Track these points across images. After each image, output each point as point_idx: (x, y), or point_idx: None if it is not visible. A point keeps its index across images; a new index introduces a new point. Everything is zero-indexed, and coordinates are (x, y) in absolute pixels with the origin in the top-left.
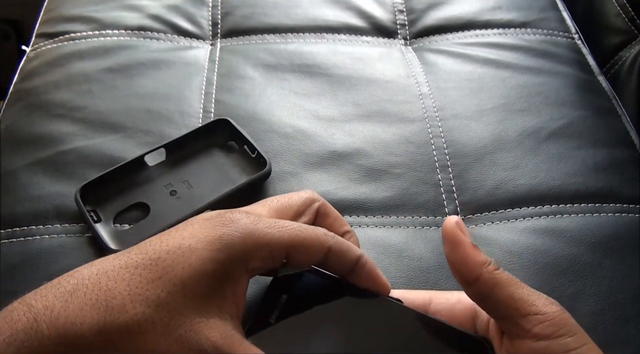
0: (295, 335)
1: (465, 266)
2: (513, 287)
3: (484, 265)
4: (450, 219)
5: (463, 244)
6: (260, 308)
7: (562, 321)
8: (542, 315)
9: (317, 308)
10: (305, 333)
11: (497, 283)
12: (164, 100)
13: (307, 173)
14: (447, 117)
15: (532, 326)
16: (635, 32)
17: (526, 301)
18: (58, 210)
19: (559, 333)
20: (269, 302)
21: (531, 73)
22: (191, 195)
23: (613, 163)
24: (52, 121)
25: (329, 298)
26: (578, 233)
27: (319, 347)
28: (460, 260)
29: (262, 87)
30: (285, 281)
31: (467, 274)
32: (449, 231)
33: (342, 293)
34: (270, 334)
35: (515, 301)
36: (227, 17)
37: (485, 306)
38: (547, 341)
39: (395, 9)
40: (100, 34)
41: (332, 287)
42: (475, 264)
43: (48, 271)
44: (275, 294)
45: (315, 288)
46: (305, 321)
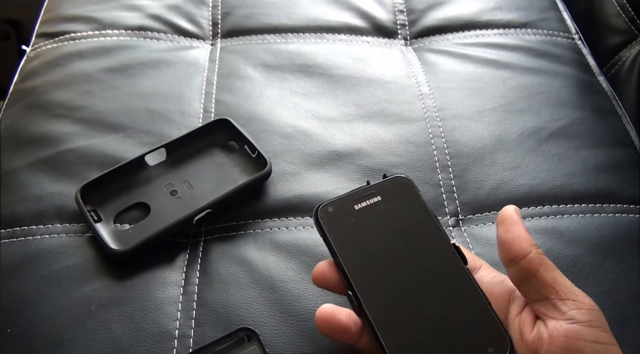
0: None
1: (518, 243)
2: (557, 272)
3: (534, 245)
4: (509, 206)
5: (519, 224)
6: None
7: (598, 316)
8: (581, 303)
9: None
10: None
11: (544, 263)
12: (164, 100)
13: (307, 173)
14: (448, 117)
15: (570, 310)
16: (635, 32)
17: (567, 287)
18: (58, 210)
19: (593, 323)
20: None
21: (531, 73)
22: (192, 195)
23: (613, 164)
24: (53, 120)
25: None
26: (578, 233)
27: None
28: (515, 237)
29: (263, 87)
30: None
31: (518, 249)
32: (508, 213)
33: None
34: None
35: (558, 284)
36: (228, 17)
37: (528, 284)
38: (581, 325)
39: (396, 9)
40: (100, 34)
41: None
42: (526, 242)
43: (48, 270)
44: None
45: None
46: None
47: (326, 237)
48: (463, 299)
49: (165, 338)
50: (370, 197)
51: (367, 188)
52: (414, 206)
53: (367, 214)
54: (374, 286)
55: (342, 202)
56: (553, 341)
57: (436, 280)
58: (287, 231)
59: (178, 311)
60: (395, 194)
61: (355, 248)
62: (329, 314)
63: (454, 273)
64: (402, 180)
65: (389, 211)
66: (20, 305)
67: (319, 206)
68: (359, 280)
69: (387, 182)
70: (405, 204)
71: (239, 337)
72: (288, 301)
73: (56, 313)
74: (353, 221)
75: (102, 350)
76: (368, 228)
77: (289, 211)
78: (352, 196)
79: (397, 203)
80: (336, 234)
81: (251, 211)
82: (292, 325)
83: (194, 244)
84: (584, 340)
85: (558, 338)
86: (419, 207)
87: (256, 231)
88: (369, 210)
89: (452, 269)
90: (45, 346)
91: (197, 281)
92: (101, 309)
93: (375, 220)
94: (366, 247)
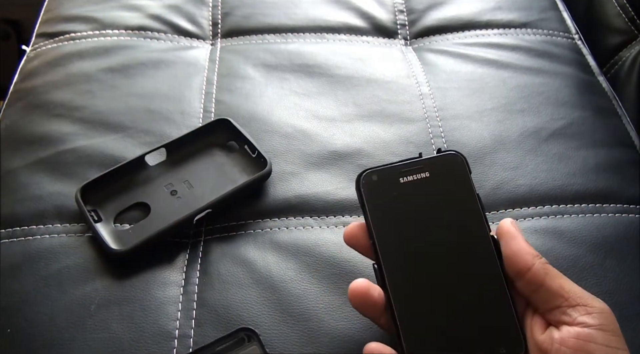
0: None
1: (521, 257)
2: (563, 280)
3: (537, 257)
4: (506, 219)
5: (518, 237)
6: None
7: (609, 319)
8: (591, 307)
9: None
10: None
11: (549, 273)
12: (164, 100)
13: (307, 173)
14: (448, 117)
15: (580, 315)
16: (635, 32)
17: (576, 293)
18: (58, 210)
19: (604, 326)
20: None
21: (531, 73)
22: (192, 195)
23: (613, 164)
24: (52, 120)
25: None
26: (578, 233)
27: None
28: (516, 251)
29: (263, 87)
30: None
31: (521, 262)
32: (506, 227)
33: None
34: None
35: (566, 291)
36: (228, 17)
37: (537, 296)
38: (592, 329)
39: (396, 9)
40: (100, 34)
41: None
42: (528, 254)
43: (48, 270)
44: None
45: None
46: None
47: (364, 205)
48: (488, 293)
49: (166, 337)
50: (419, 172)
51: (418, 161)
52: (462, 189)
53: (411, 190)
54: (401, 264)
55: (389, 172)
56: (564, 342)
57: (465, 269)
58: (287, 231)
59: (178, 311)
60: (445, 173)
61: (391, 223)
62: (364, 289)
63: (485, 265)
64: (457, 158)
65: (435, 190)
66: (20, 305)
67: (364, 172)
68: (388, 255)
69: (440, 158)
70: (452, 185)
71: (239, 337)
72: (288, 301)
73: (56, 312)
74: (395, 195)
75: (102, 350)
76: (408, 205)
77: (289, 211)
78: (400, 167)
79: (445, 183)
80: (375, 204)
81: (251, 211)
82: (292, 325)
83: (194, 244)
84: (595, 343)
85: (569, 340)
86: (466, 190)
87: (256, 231)
88: (413, 185)
89: (484, 261)
90: (45, 345)
91: (197, 281)
92: (101, 309)
93: (417, 197)
94: (402, 223)
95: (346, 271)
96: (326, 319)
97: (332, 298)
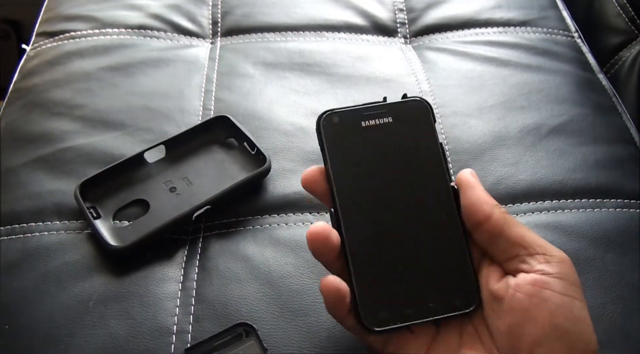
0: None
1: (479, 206)
2: (524, 229)
3: (496, 206)
4: (466, 170)
5: (476, 187)
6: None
7: (569, 268)
8: (550, 256)
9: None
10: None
11: (508, 222)
12: (164, 98)
13: None
14: (448, 114)
15: (539, 263)
16: (635, 32)
17: (536, 242)
18: (57, 207)
19: (563, 275)
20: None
21: (531, 71)
22: (191, 192)
23: (613, 159)
24: (52, 119)
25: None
26: (579, 228)
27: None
28: (474, 200)
29: (262, 85)
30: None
31: (480, 212)
32: (464, 177)
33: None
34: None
35: (526, 241)
36: (227, 16)
37: (495, 245)
38: (550, 277)
39: (395, 7)
40: (100, 33)
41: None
42: (487, 204)
43: (47, 267)
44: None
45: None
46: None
47: (323, 147)
48: (444, 243)
49: (164, 333)
50: (382, 117)
51: (382, 105)
52: (425, 136)
53: (372, 134)
54: (357, 210)
55: (350, 114)
56: (519, 287)
57: (423, 218)
58: (286, 227)
59: (176, 306)
60: (409, 119)
61: (350, 166)
62: (325, 232)
63: (443, 214)
64: (421, 104)
65: (397, 135)
66: (19, 302)
67: (325, 113)
68: (344, 200)
69: (404, 103)
70: (415, 131)
71: (237, 332)
72: (286, 296)
73: (55, 309)
74: (355, 138)
75: (101, 346)
76: (369, 149)
77: (288, 208)
78: (363, 110)
79: (407, 129)
80: (334, 146)
81: (250, 208)
82: (291, 320)
83: (193, 241)
84: (551, 290)
85: (524, 286)
86: (429, 138)
87: (255, 227)
88: (375, 130)
89: (442, 210)
90: (44, 342)
91: (195, 277)
92: (100, 305)
93: (378, 142)
94: (361, 168)
95: None
96: (324, 314)
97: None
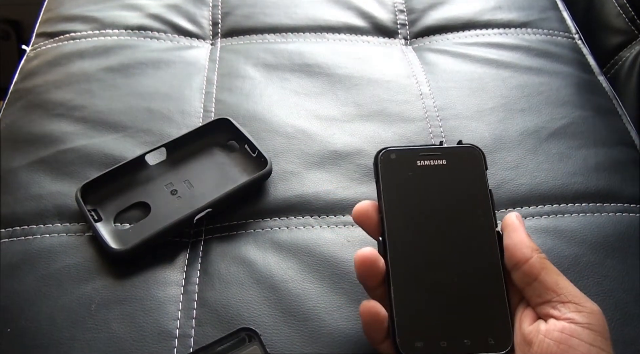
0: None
1: (519, 248)
2: (560, 277)
3: (536, 250)
4: (512, 213)
5: (519, 230)
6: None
7: (599, 321)
8: (582, 306)
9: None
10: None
11: (545, 268)
12: (164, 99)
13: (307, 173)
14: (448, 116)
15: (570, 311)
16: (635, 32)
17: (570, 290)
18: (58, 209)
19: (593, 326)
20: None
21: (532, 73)
22: (192, 194)
23: (614, 163)
24: (52, 120)
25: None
26: (579, 233)
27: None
28: (516, 242)
29: (263, 87)
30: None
31: (519, 254)
32: (510, 220)
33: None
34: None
35: (560, 288)
36: (228, 17)
37: (531, 288)
38: (579, 326)
39: (396, 8)
40: (100, 34)
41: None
42: (528, 247)
43: (48, 270)
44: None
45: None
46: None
47: (378, 180)
48: (484, 283)
49: (166, 337)
50: (436, 158)
51: (437, 148)
52: (475, 181)
53: (426, 173)
54: (405, 243)
55: (407, 153)
56: (548, 333)
57: (466, 257)
58: (288, 230)
59: (178, 310)
60: (462, 164)
61: (402, 201)
62: (373, 257)
63: (486, 255)
64: (475, 152)
65: (449, 177)
66: (20, 304)
67: (384, 149)
68: (393, 231)
69: (459, 149)
70: (467, 176)
71: (239, 337)
72: (289, 300)
73: (56, 312)
74: (410, 175)
75: (103, 349)
76: (421, 187)
77: (289, 211)
78: (419, 150)
79: (460, 173)
80: (389, 181)
81: (251, 211)
82: (293, 325)
83: (195, 244)
84: (579, 339)
85: (554, 332)
86: (479, 184)
87: (256, 230)
88: (429, 170)
89: (486, 251)
90: (45, 345)
91: (197, 281)
92: (101, 309)
93: (431, 182)
94: (412, 203)
95: (347, 270)
96: (327, 319)
97: (333, 297)
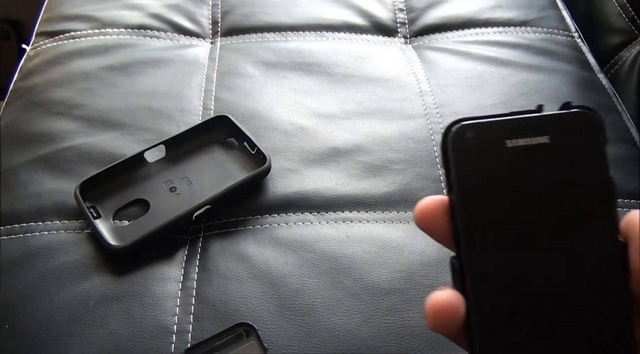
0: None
1: None
2: None
3: None
4: (635, 212)
5: None
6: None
7: None
8: None
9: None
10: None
11: None
12: (164, 98)
13: (307, 170)
14: (448, 113)
15: None
16: (635, 32)
17: None
18: (57, 207)
19: None
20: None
21: (531, 71)
22: (191, 191)
23: (613, 159)
24: (52, 118)
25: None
26: None
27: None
28: None
29: (262, 85)
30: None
31: None
32: (636, 223)
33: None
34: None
35: None
36: (227, 16)
37: None
38: None
39: (395, 7)
40: (100, 33)
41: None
42: None
43: (47, 266)
44: None
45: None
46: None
47: (449, 171)
48: (602, 317)
49: (164, 333)
50: (535, 134)
51: (535, 118)
52: (592, 166)
53: (521, 157)
54: (491, 262)
55: (491, 128)
56: None
57: (580, 283)
58: (287, 226)
59: (177, 306)
60: (570, 138)
61: (486, 202)
62: (451, 303)
63: (605, 276)
64: (590, 118)
65: (555, 162)
66: (19, 301)
67: (454, 123)
68: (475, 247)
69: (566, 116)
70: (580, 159)
71: (237, 332)
72: (287, 296)
73: (55, 308)
74: (496, 163)
75: (101, 345)
76: (514, 179)
77: (288, 207)
78: (508, 122)
79: (568, 153)
80: (466, 173)
81: (250, 207)
82: (291, 320)
83: (193, 240)
84: None
85: None
86: (597, 170)
87: (255, 226)
88: (525, 152)
89: (604, 269)
90: (43, 341)
91: (195, 277)
92: (100, 305)
93: (528, 171)
94: (502, 205)
95: (345, 266)
96: (325, 314)
97: (331, 292)
